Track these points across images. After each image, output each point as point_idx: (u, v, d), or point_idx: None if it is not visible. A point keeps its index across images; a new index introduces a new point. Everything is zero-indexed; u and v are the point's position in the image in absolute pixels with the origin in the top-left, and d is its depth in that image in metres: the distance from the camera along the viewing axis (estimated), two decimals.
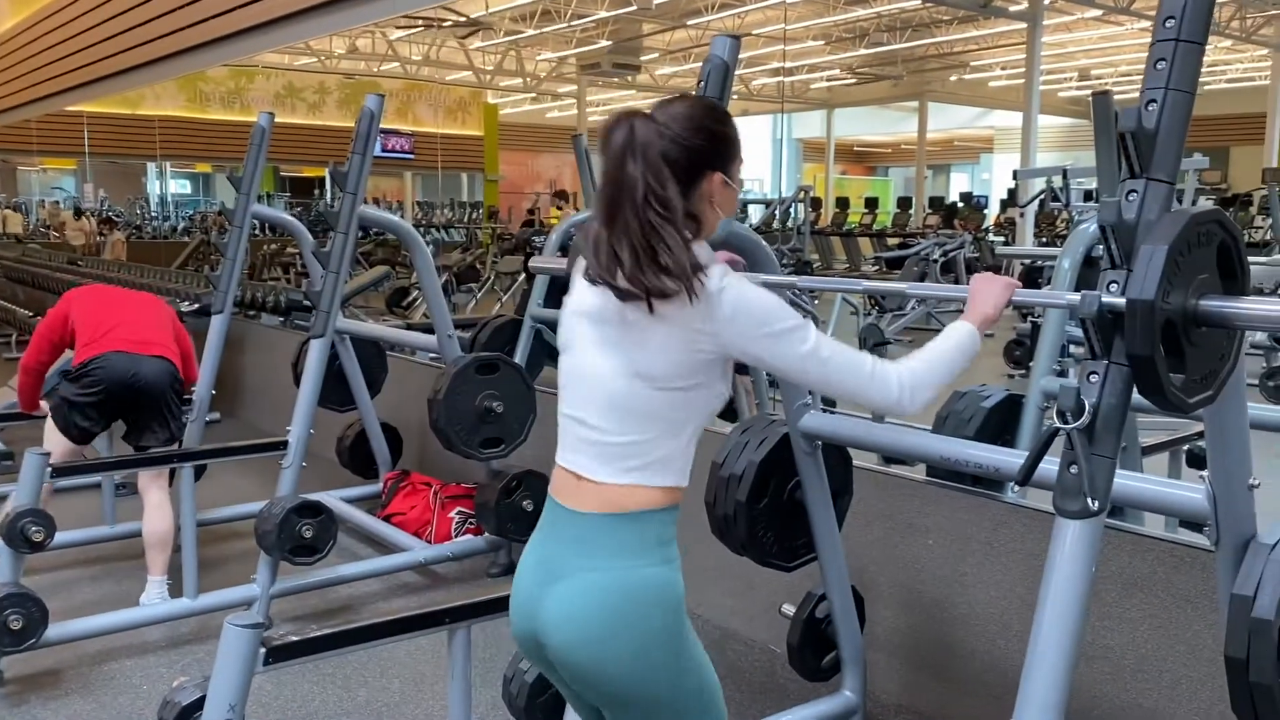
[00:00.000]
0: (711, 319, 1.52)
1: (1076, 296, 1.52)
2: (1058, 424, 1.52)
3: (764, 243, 2.48)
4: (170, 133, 18.45)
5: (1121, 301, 1.44)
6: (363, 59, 19.17)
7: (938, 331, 1.71)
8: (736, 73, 2.37)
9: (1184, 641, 2.43)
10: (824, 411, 2.54)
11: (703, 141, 1.56)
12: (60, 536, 3.95)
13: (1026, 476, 1.60)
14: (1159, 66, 1.55)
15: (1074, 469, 1.54)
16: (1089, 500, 1.53)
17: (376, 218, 3.91)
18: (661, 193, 1.50)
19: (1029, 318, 7.60)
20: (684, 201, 1.53)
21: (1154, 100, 1.55)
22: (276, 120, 4.61)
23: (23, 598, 3.03)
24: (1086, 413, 1.51)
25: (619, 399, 1.57)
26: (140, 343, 3.70)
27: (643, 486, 1.56)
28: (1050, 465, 1.58)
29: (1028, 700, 1.56)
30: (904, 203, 18.58)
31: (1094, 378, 1.55)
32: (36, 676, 3.19)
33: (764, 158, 21.31)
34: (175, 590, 3.62)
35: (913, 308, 9.71)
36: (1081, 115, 24.79)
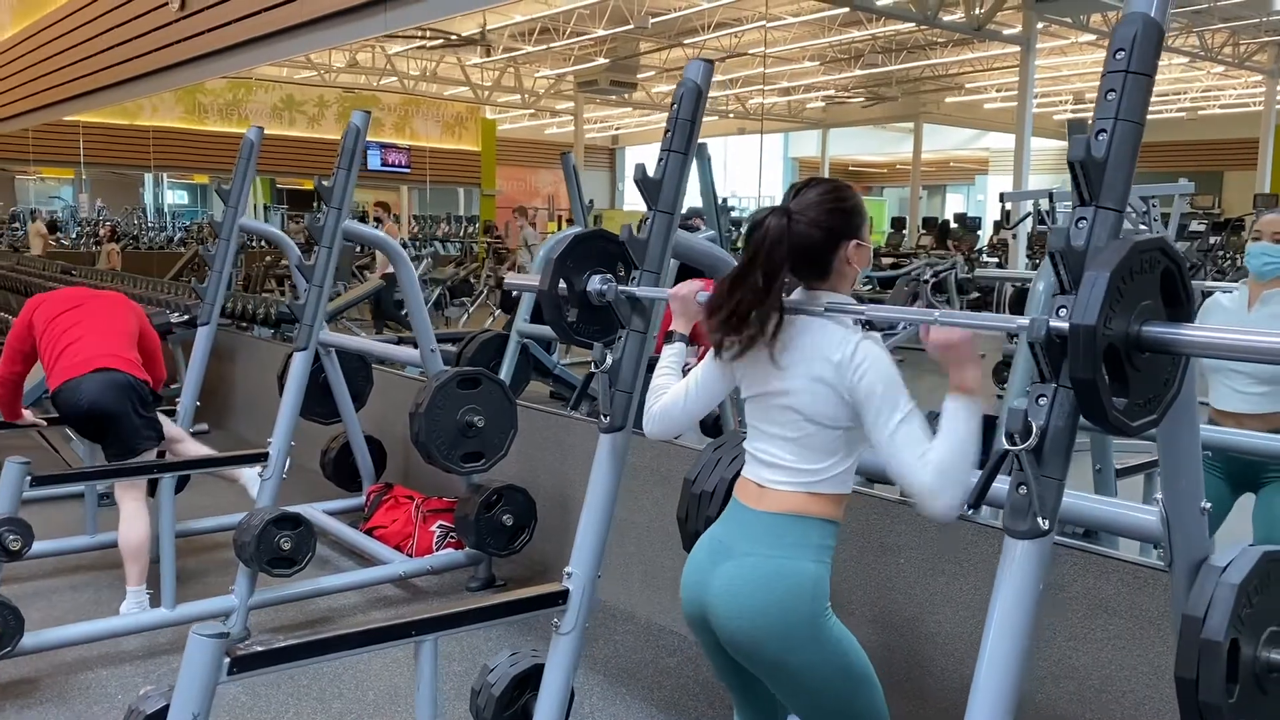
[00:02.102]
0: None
1: (1026, 321, 1.56)
2: (1006, 446, 1.55)
3: (724, 254, 2.52)
4: (167, 144, 18.48)
5: (1067, 326, 1.48)
6: (362, 73, 19.27)
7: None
8: (733, 92, 2.43)
9: (1147, 662, 2.46)
10: None
11: (835, 222, 1.89)
12: (42, 546, 3.99)
13: (979, 499, 1.63)
14: (1109, 97, 1.60)
15: (1023, 489, 1.57)
16: (1038, 520, 1.56)
17: (361, 233, 3.94)
18: (807, 268, 1.89)
19: (1014, 339, 7.63)
20: (828, 269, 1.89)
21: (1104, 130, 1.59)
22: (275, 133, 4.66)
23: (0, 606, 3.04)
24: (1034, 435, 1.54)
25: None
26: (85, 361, 3.72)
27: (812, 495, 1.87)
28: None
29: (976, 714, 1.58)
30: (898, 223, 18.66)
31: (1042, 401, 1.58)
32: (12, 684, 3.20)
33: (752, 176, 21.40)
34: (156, 601, 3.64)
35: (904, 328, 9.75)
36: None
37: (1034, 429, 1.54)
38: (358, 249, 12.59)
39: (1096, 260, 1.47)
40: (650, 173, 2.34)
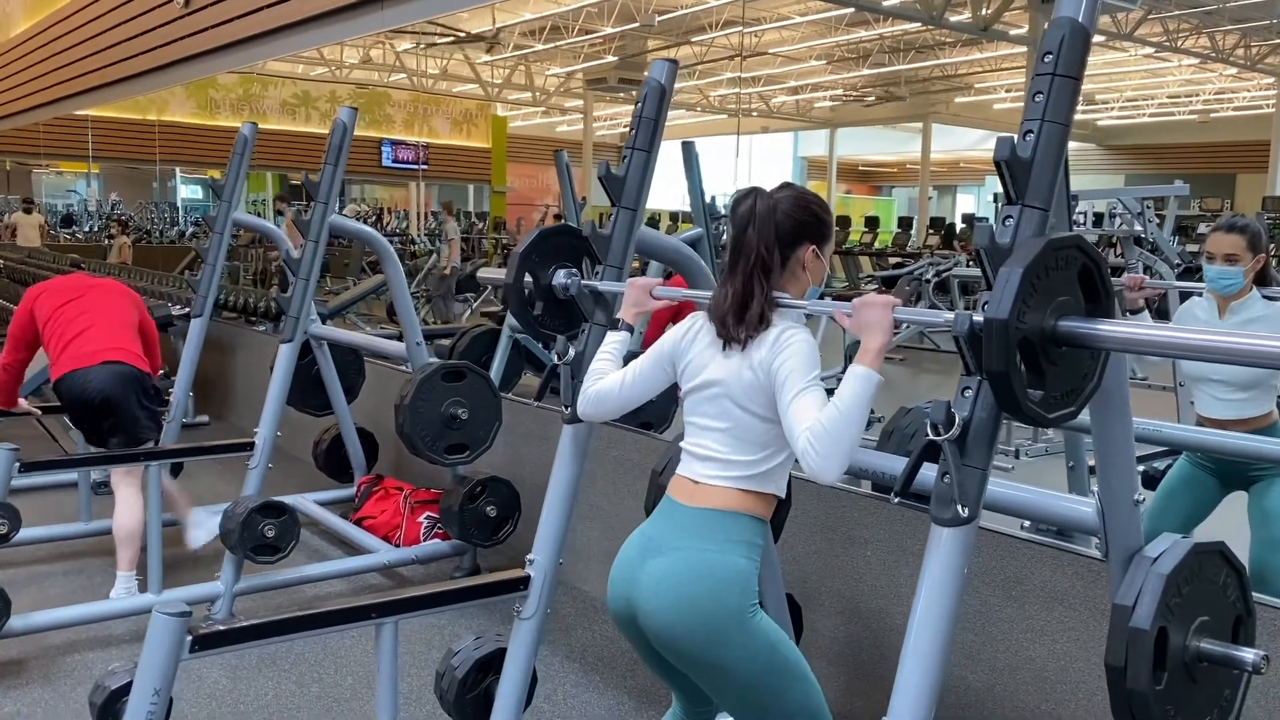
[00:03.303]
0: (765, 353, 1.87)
1: (951, 316, 1.60)
2: (931, 436, 1.60)
3: (690, 252, 2.57)
4: (178, 138, 18.64)
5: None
6: (375, 69, 19.37)
7: (932, 351, 1.77)
8: (755, 90, 2.51)
9: (1101, 653, 2.49)
10: None
11: (805, 218, 1.95)
12: (36, 532, 4.08)
13: (904, 486, 1.68)
14: (1036, 99, 1.64)
15: (947, 479, 1.62)
16: (959, 508, 1.61)
17: (348, 227, 4.00)
18: (767, 258, 1.91)
19: None
20: (782, 264, 1.93)
21: (1031, 131, 1.63)
22: (287, 129, 4.74)
23: None
24: (957, 426, 1.59)
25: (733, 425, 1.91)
26: (94, 352, 3.79)
27: (744, 492, 1.90)
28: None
29: (902, 692, 1.63)
30: (905, 222, 18.65)
31: (967, 393, 1.63)
32: (0, 666, 3.28)
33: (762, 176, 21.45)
34: (145, 587, 3.72)
35: (906, 327, 9.78)
36: (1087, 139, 24.90)
37: (957, 420, 1.58)
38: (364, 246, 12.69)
39: (1011, 257, 1.52)
40: (614, 170, 2.39)
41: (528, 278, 2.45)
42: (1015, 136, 1.63)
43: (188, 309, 6.27)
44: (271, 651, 3.38)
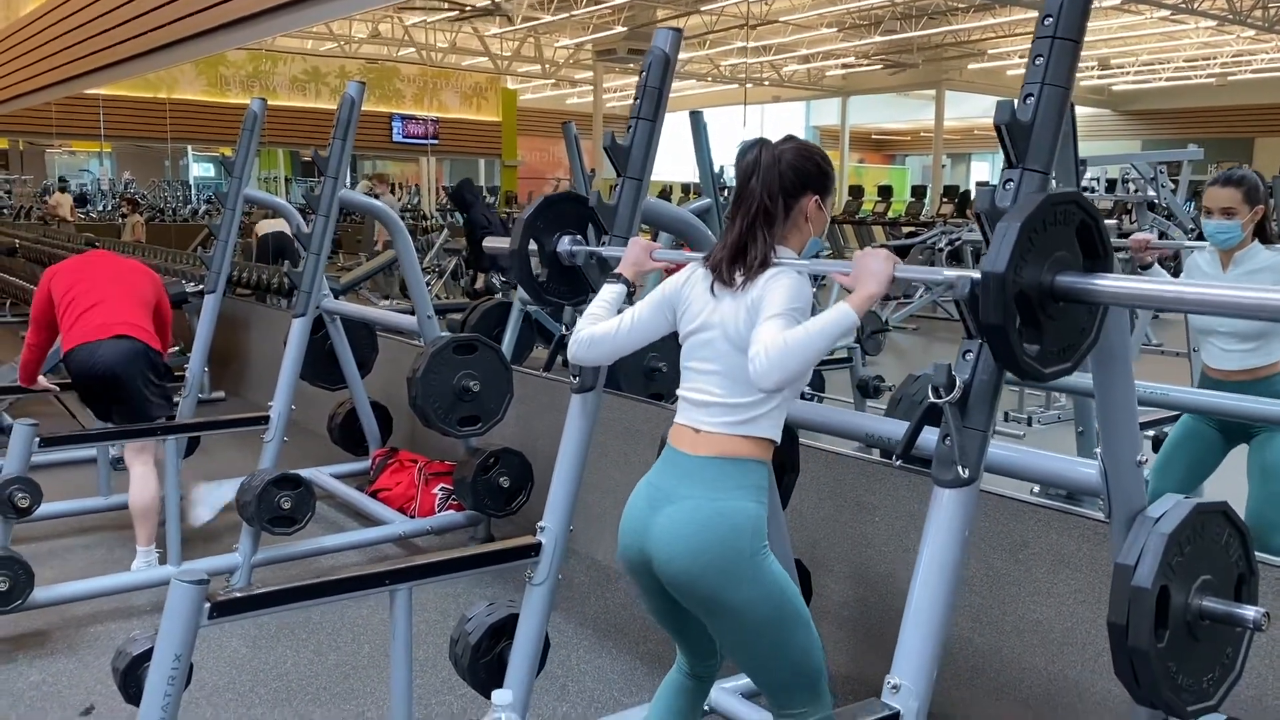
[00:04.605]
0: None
1: (954, 275, 1.62)
2: (932, 399, 1.62)
3: (697, 221, 2.59)
4: (189, 116, 18.67)
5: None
6: (384, 44, 19.32)
7: (945, 320, 1.75)
8: (766, 59, 2.49)
9: (1106, 614, 2.51)
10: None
11: (808, 167, 1.97)
12: (57, 506, 4.14)
13: (906, 449, 1.70)
14: (1037, 62, 1.64)
15: (948, 441, 1.64)
16: (960, 469, 1.63)
17: (357, 202, 4.03)
18: (770, 207, 1.93)
19: None
20: (784, 215, 1.94)
21: (1031, 94, 1.64)
22: (298, 105, 4.76)
23: (10, 561, 3.18)
24: (958, 388, 1.61)
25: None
26: (103, 326, 3.81)
27: (744, 438, 1.91)
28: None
29: (905, 652, 1.66)
30: (918, 191, 18.54)
31: (968, 356, 1.65)
32: (25, 637, 3.34)
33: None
34: (165, 560, 3.78)
35: (920, 295, 9.77)
36: (1103, 105, 24.65)
37: (958, 383, 1.60)
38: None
39: (1009, 212, 1.53)
40: (619, 140, 2.40)
41: (532, 245, 2.46)
42: (1016, 100, 1.63)
43: (202, 286, 6.32)
44: (290, 621, 3.43)
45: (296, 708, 2.94)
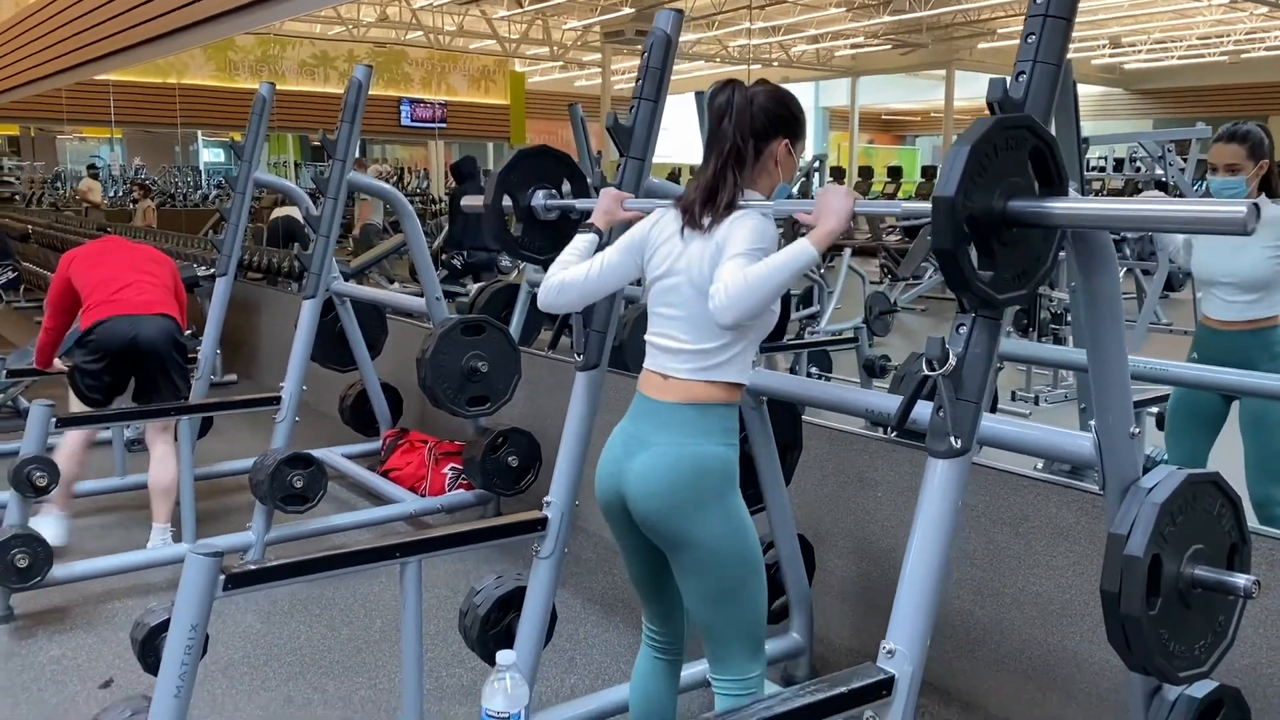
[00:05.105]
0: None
1: (912, 206, 1.65)
2: (926, 372, 1.65)
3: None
4: (199, 102, 18.70)
5: None
6: (392, 27, 19.30)
7: (954, 301, 1.73)
8: (776, 40, 2.52)
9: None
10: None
11: (780, 110, 1.99)
12: (75, 487, 4.19)
13: (901, 421, 1.74)
14: (1029, 40, 1.67)
15: (942, 413, 1.68)
16: (953, 440, 1.67)
17: (365, 184, 4.07)
18: (741, 148, 1.95)
19: None
20: (755, 157, 1.96)
21: (1023, 72, 1.67)
22: (306, 90, 4.79)
23: (29, 539, 3.25)
24: (951, 361, 1.64)
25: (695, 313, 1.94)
26: (141, 303, 3.87)
27: (712, 383, 1.95)
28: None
29: (900, 618, 1.70)
30: (928, 172, 18.50)
31: (962, 330, 1.68)
32: (44, 613, 3.42)
33: None
34: (179, 538, 3.85)
35: (929, 276, 9.78)
36: (1115, 83, 24.48)
37: (951, 356, 1.64)
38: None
39: (960, 137, 1.54)
40: (622, 121, 2.44)
41: (506, 200, 2.48)
42: (1008, 78, 1.66)
43: (213, 270, 6.38)
44: (303, 597, 3.50)
45: (311, 680, 3.00)
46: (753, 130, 1.96)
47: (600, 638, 3.27)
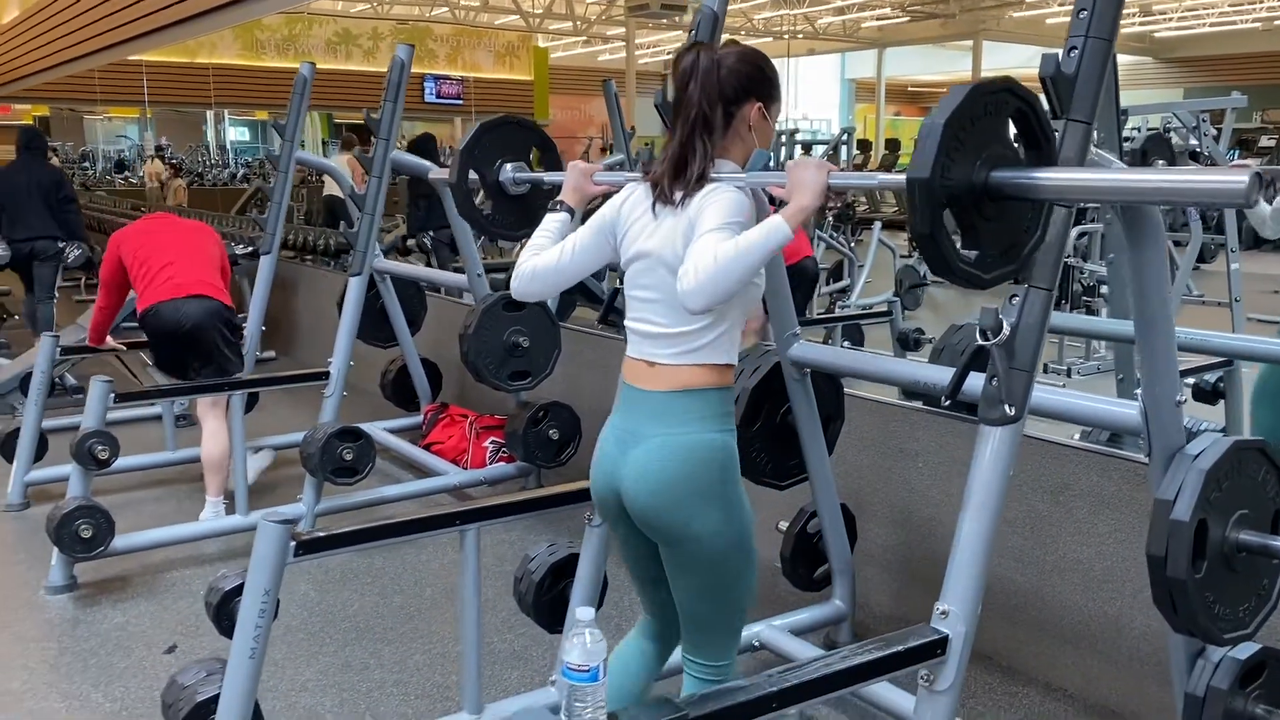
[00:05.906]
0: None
1: (888, 178, 1.66)
2: (980, 341, 1.70)
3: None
4: (227, 81, 18.83)
5: None
6: (416, 4, 19.32)
7: None
8: (800, 11, 2.52)
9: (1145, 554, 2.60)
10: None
11: (751, 71, 1.87)
12: (128, 461, 4.32)
13: (954, 390, 1.78)
14: (1081, 15, 1.70)
15: (995, 382, 1.73)
16: (1006, 407, 1.72)
17: (407, 163, 4.13)
18: (709, 115, 1.83)
19: None
20: (725, 124, 1.85)
21: (1075, 47, 1.69)
22: (332, 67, 4.86)
23: (92, 510, 3.36)
24: (1005, 330, 1.69)
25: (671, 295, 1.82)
26: (182, 285, 3.95)
27: (698, 366, 1.85)
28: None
29: (953, 581, 1.75)
30: None
31: (1015, 300, 1.72)
32: (106, 582, 3.53)
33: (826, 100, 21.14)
34: (231, 510, 3.95)
35: None
36: (1145, 52, 24.15)
37: (1004, 326, 1.68)
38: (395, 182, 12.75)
39: (935, 110, 1.46)
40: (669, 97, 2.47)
41: (473, 175, 2.40)
42: (1060, 52, 1.69)
43: (250, 248, 6.48)
44: (355, 567, 3.60)
45: (367, 646, 3.10)
46: (721, 94, 1.83)
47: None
